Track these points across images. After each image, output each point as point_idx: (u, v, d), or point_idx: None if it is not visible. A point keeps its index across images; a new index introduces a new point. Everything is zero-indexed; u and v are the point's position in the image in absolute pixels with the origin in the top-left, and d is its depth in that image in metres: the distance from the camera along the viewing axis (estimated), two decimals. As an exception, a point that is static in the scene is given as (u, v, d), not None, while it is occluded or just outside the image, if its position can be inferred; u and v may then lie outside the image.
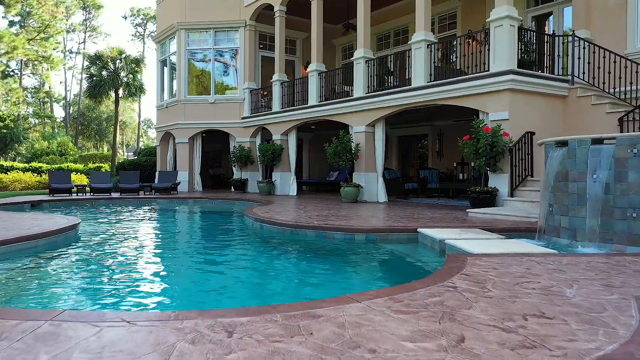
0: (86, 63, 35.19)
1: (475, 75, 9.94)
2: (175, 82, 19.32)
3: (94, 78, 25.98)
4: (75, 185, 15.57)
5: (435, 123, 16.34)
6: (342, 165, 12.86)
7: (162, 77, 20.53)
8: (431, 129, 16.71)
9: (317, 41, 14.66)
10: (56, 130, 50.35)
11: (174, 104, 19.01)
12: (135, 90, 27.32)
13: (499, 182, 9.44)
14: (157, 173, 19.01)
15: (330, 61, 18.19)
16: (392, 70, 13.18)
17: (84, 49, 52.17)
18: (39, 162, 30.29)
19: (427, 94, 10.92)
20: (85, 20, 53.73)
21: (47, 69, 49.25)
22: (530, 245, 5.21)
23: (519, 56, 9.67)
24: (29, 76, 50.46)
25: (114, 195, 15.39)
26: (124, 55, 26.06)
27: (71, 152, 39.11)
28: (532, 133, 9.39)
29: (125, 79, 26.47)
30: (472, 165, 13.11)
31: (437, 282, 3.33)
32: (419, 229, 6.42)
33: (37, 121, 49.78)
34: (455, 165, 13.51)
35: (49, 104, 54.23)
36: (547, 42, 10.31)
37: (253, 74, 17.94)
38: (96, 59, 25.91)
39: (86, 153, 41.05)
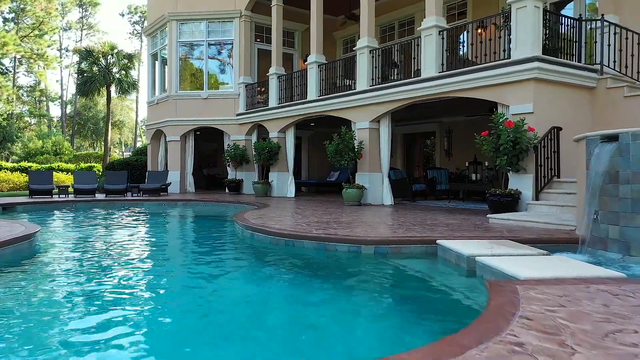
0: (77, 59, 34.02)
1: (494, 63, 8.85)
2: (166, 76, 18.23)
3: (85, 74, 24.89)
4: (56, 186, 14.50)
5: (444, 120, 15.26)
6: (344, 164, 11.76)
7: (153, 72, 19.44)
8: (439, 126, 15.63)
9: (316, 31, 13.58)
10: (53, 129, 49.27)
11: (165, 100, 17.91)
12: (128, 87, 26.21)
13: (522, 183, 8.35)
14: (146, 173, 17.93)
15: (330, 55, 17.07)
16: (397, 63, 12.11)
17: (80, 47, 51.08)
18: (32, 162, 29.25)
19: (439, 85, 9.84)
20: (81, 17, 52.68)
21: (43, 67, 48.14)
22: (586, 265, 4.12)
23: (543, 42, 8.60)
24: (24, 74, 49.39)
25: (99, 196, 14.34)
26: (115, 51, 24.95)
27: (66, 152, 38.07)
28: (559, 128, 8.32)
29: (117, 75, 25.35)
30: (487, 164, 12.02)
31: (492, 334, 2.26)
32: (438, 241, 5.34)
33: (33, 120, 48.68)
34: (467, 164, 12.40)
35: (45, 103, 53.16)
36: (573, 27, 9.24)
37: (249, 67, 16.85)
38: (87, 54, 24.81)
39: (80, 152, 39.97)
